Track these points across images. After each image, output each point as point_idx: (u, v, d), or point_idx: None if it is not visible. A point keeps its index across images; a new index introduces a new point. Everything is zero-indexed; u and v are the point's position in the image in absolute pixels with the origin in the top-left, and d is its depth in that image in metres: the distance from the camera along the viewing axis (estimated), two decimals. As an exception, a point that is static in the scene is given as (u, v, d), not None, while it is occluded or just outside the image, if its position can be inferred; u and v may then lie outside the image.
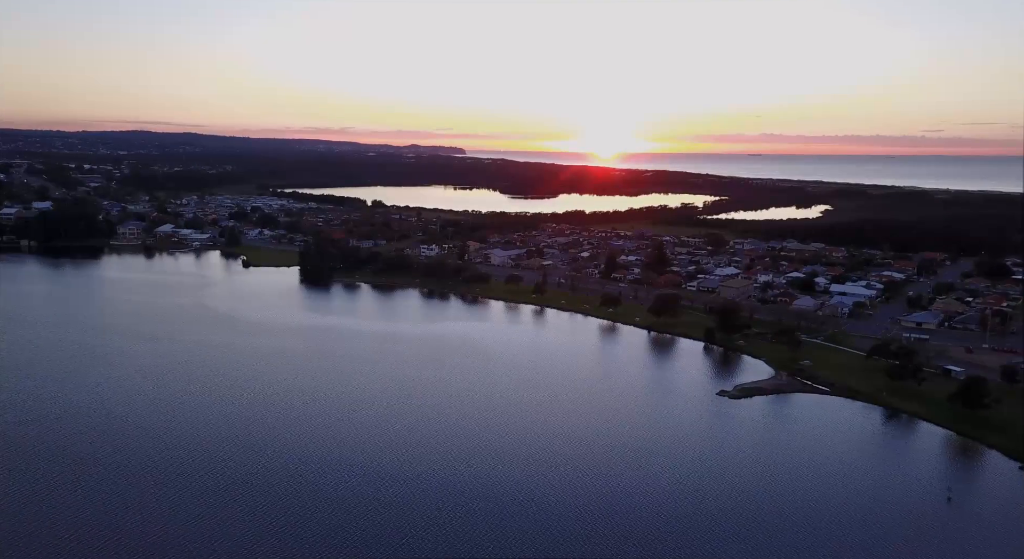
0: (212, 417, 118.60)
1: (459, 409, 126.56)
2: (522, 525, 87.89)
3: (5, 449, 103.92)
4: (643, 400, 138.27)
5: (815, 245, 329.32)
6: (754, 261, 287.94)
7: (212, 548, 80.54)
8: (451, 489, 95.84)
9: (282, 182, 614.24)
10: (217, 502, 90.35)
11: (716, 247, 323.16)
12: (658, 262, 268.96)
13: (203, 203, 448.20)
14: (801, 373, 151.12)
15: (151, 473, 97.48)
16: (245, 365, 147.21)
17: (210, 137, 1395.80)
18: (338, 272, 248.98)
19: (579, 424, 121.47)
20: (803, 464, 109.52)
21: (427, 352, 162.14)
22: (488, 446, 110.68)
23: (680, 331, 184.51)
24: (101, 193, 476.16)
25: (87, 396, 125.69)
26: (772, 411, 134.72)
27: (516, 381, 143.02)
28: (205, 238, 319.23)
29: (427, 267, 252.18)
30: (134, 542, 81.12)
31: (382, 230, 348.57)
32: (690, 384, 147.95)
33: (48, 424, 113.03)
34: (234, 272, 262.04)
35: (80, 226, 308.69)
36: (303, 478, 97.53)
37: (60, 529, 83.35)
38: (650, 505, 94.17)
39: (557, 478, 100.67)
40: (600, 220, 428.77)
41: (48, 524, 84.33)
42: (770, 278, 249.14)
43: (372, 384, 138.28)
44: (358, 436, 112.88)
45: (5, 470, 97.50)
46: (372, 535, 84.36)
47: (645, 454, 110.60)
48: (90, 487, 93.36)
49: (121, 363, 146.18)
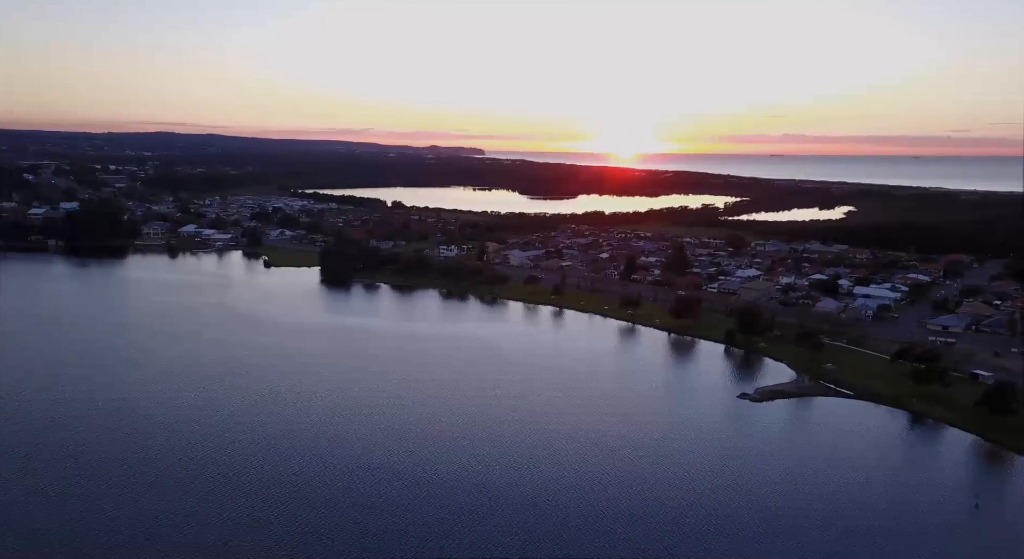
0: (236, 416, 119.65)
1: (479, 410, 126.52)
2: (545, 525, 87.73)
3: (34, 447, 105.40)
4: (663, 402, 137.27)
5: (838, 247, 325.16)
6: (776, 263, 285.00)
7: (236, 546, 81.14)
8: (473, 490, 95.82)
9: (303, 183, 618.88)
10: (241, 501, 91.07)
11: (737, 248, 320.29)
12: (678, 263, 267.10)
13: (225, 203, 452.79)
14: (824, 376, 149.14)
15: (175, 471, 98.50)
16: (267, 365, 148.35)
17: (232, 138, 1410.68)
18: (358, 272, 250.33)
19: (599, 426, 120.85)
20: (826, 469, 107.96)
21: (446, 353, 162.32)
22: (509, 447, 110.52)
23: (700, 333, 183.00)
24: (126, 194, 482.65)
25: (112, 395, 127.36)
26: (794, 414, 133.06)
27: (535, 383, 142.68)
28: (227, 238, 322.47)
29: (446, 268, 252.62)
30: (159, 540, 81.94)
31: (402, 231, 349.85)
32: (710, 386, 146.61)
33: (75, 422, 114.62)
34: (256, 272, 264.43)
35: (105, 226, 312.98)
36: (326, 478, 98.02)
37: (86, 527, 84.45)
38: (671, 507, 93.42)
39: (578, 479, 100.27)
40: (620, 221, 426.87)
41: (76, 521, 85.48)
42: (792, 280, 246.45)
43: (392, 384, 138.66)
44: (380, 436, 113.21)
45: (34, 468, 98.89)
46: (396, 535, 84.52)
47: (666, 456, 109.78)
48: (115, 485, 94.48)
49: (145, 362, 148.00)
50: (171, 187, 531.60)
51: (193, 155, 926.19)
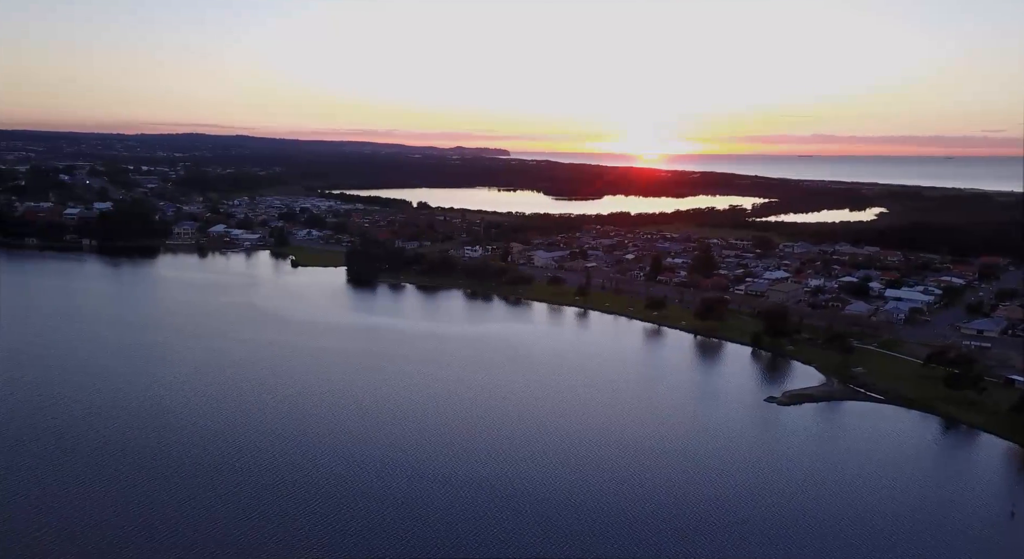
0: (263, 414, 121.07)
1: (503, 410, 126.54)
2: (571, 525, 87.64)
3: (67, 444, 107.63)
4: (689, 404, 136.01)
5: (869, 248, 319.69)
6: (804, 264, 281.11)
7: (263, 544, 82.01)
8: (498, 489, 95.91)
9: (329, 183, 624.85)
10: (268, 498, 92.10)
11: (765, 250, 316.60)
12: (705, 265, 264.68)
13: (253, 204, 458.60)
14: (853, 380, 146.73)
15: (203, 469, 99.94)
16: (294, 364, 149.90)
17: (261, 139, 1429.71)
18: (384, 272, 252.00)
19: (624, 427, 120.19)
20: (855, 473, 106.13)
21: (470, 353, 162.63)
22: (534, 447, 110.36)
23: (727, 335, 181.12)
24: (157, 194, 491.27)
25: (143, 392, 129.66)
26: (822, 418, 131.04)
27: (560, 384, 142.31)
28: (255, 238, 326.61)
29: (470, 268, 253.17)
30: (187, 537, 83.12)
31: (427, 231, 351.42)
32: (737, 389, 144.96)
33: (106, 419, 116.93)
34: (283, 272, 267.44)
35: (137, 226, 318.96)
36: (352, 476, 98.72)
37: (116, 521, 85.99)
38: (697, 510, 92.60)
39: (603, 480, 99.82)
40: (645, 222, 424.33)
41: (108, 517, 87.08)
42: (821, 282, 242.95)
43: (417, 384, 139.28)
44: (405, 435, 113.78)
45: (68, 464, 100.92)
46: (420, 534, 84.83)
47: (692, 458, 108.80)
48: (145, 482, 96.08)
49: (175, 360, 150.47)
50: (201, 188, 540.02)
51: (223, 156, 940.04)
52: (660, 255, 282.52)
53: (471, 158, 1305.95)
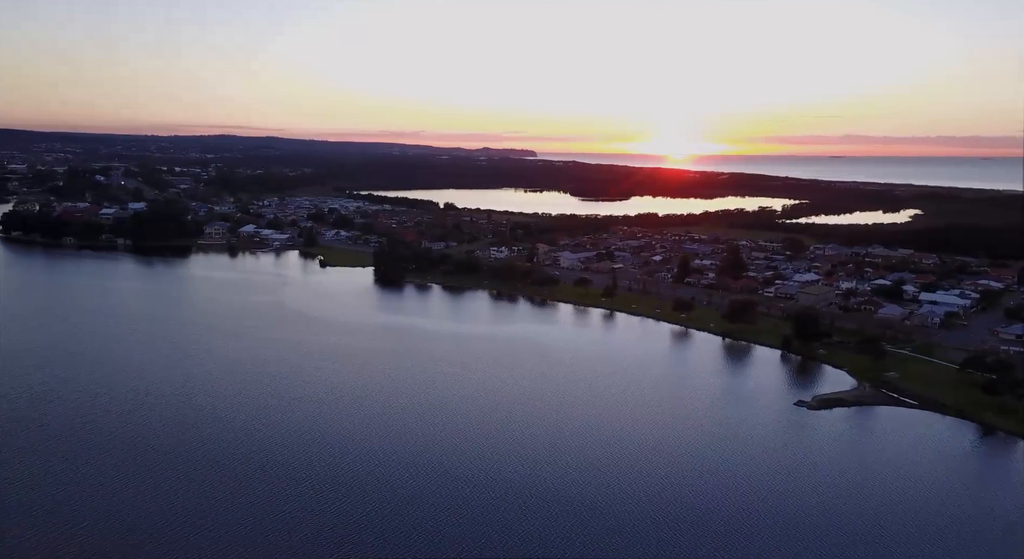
0: (291, 412, 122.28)
1: (530, 411, 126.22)
2: (598, 528, 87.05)
3: (101, 439, 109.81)
4: (717, 408, 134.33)
5: (903, 251, 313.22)
6: (836, 267, 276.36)
7: (290, 540, 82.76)
8: (525, 491, 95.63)
9: (357, 184, 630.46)
10: (296, 496, 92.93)
11: (795, 252, 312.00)
12: (734, 267, 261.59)
13: (283, 204, 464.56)
14: (886, 385, 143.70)
15: (233, 466, 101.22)
16: (322, 362, 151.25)
17: (290, 141, 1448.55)
18: (410, 273, 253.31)
19: (651, 430, 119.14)
20: (888, 480, 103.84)
21: (496, 354, 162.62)
22: (560, 448, 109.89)
23: (756, 338, 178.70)
24: (190, 194, 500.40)
25: (176, 389, 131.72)
26: (854, 423, 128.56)
27: (586, 385, 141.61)
28: (285, 238, 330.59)
29: (496, 269, 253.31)
30: (216, 533, 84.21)
31: (453, 232, 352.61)
32: (766, 393, 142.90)
33: (140, 415, 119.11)
34: (311, 272, 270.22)
35: (170, 226, 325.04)
36: (379, 474, 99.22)
37: (147, 518, 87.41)
38: (726, 514, 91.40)
39: (630, 483, 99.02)
40: (673, 223, 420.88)
41: (138, 512, 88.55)
42: (853, 285, 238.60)
43: (444, 384, 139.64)
44: (432, 435, 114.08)
45: (102, 460, 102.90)
46: (448, 533, 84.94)
47: (720, 462, 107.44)
48: (176, 478, 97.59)
49: (206, 358, 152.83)
50: (232, 188, 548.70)
51: (253, 157, 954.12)
52: (688, 257, 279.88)
53: (498, 159, 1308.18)
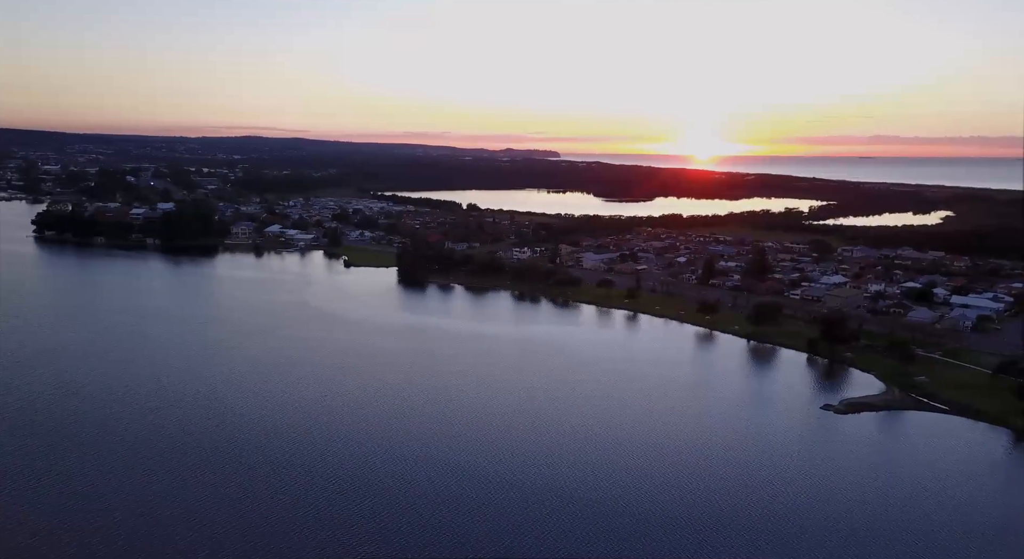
0: (316, 411, 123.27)
1: (552, 412, 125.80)
2: (622, 529, 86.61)
3: (131, 436, 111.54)
4: (741, 410, 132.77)
5: (933, 253, 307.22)
6: (864, 269, 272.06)
7: (314, 538, 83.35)
8: (548, 491, 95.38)
9: (382, 185, 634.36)
10: (317, 492, 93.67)
11: (822, 254, 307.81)
12: (759, 269, 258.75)
13: (308, 205, 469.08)
14: (915, 389, 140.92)
15: (258, 463, 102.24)
16: (346, 362, 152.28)
17: (315, 142, 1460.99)
18: (433, 273, 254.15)
19: (675, 432, 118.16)
20: (920, 486, 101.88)
21: (518, 355, 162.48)
22: (583, 450, 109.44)
23: (781, 341, 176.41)
24: (217, 195, 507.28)
25: (203, 387, 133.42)
26: (882, 428, 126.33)
27: (609, 387, 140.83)
28: (310, 238, 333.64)
29: (518, 270, 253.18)
30: (242, 529, 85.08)
31: (476, 233, 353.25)
32: (792, 396, 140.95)
33: (167, 412, 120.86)
34: (336, 272, 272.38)
35: (198, 226, 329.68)
36: (403, 474, 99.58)
37: (178, 513, 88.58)
38: (750, 517, 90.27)
39: (654, 485, 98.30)
40: (698, 224, 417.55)
41: (171, 508, 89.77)
42: (882, 288, 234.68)
43: (467, 384, 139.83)
44: (455, 435, 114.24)
45: (131, 455, 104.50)
46: (471, 533, 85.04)
47: (745, 466, 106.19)
48: (202, 476, 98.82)
49: (233, 356, 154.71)
50: (258, 189, 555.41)
51: (279, 158, 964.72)
52: (713, 258, 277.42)
53: (521, 160, 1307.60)
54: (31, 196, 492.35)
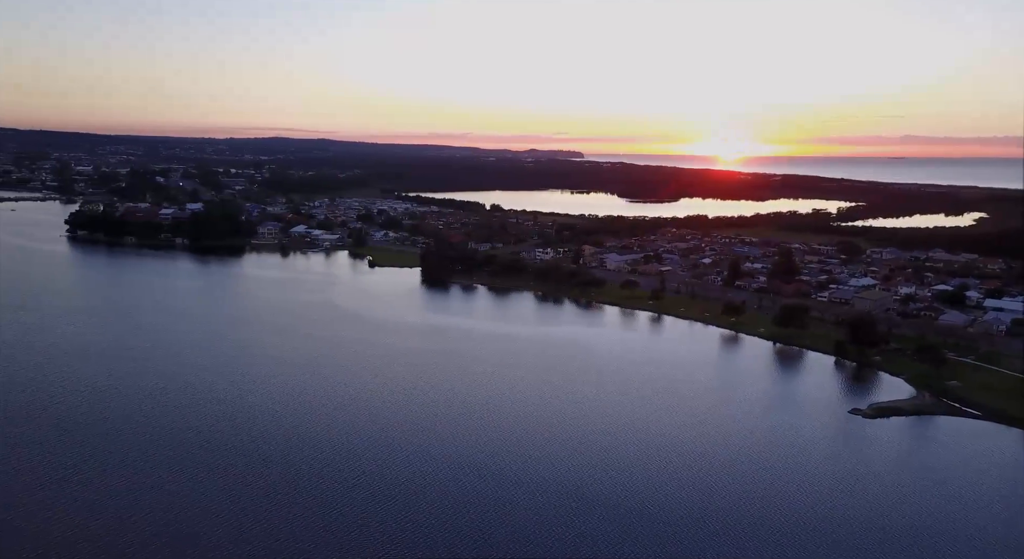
0: (341, 411, 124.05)
1: (575, 414, 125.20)
2: (645, 532, 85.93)
3: (158, 435, 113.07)
4: (767, 413, 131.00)
5: (966, 255, 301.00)
6: (894, 272, 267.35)
7: (339, 538, 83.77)
8: (571, 493, 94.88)
9: (406, 186, 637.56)
10: (342, 493, 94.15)
11: (851, 256, 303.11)
12: (786, 270, 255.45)
13: (333, 205, 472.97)
14: (947, 394, 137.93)
15: (282, 464, 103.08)
16: (371, 361, 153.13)
17: (340, 143, 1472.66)
18: (456, 273, 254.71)
19: (699, 435, 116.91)
20: (952, 493, 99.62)
21: (541, 355, 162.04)
22: (606, 452, 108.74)
23: (808, 344, 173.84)
24: (244, 195, 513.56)
25: (229, 385, 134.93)
26: (912, 433, 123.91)
27: (632, 389, 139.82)
28: (335, 239, 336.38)
29: (541, 270, 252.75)
30: (268, 530, 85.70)
31: (499, 233, 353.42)
32: (819, 400, 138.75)
33: (194, 411, 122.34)
34: (360, 272, 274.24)
35: (225, 226, 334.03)
36: (427, 474, 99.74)
37: (203, 513, 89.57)
38: (776, 521, 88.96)
39: (678, 488, 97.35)
40: (723, 225, 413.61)
41: (196, 507, 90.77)
42: (912, 290, 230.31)
43: (489, 384, 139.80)
44: (477, 436, 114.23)
45: (158, 454, 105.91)
46: (495, 534, 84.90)
47: (770, 469, 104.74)
48: (229, 475, 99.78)
49: (259, 355, 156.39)
50: (284, 189, 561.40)
51: (305, 159, 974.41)
52: (738, 259, 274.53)
53: (544, 160, 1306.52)
54: (65, 196, 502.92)
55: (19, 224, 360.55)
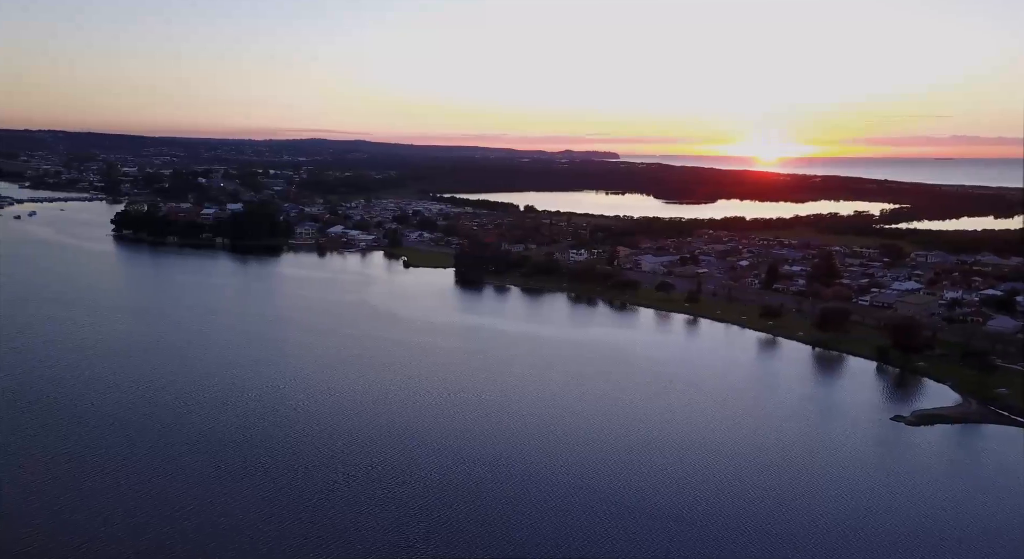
0: (375, 409, 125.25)
1: (609, 417, 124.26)
2: (684, 537, 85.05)
3: (200, 431, 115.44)
4: (806, 419, 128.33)
5: (1016, 259, 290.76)
6: (940, 275, 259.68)
7: (371, 536, 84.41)
8: (606, 497, 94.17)
9: (440, 187, 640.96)
10: (376, 491, 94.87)
11: (894, 259, 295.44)
12: (826, 273, 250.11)
13: (369, 206, 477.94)
14: (995, 402, 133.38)
15: (317, 460, 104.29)
16: (405, 360, 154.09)
17: (377, 144, 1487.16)
18: (490, 274, 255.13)
19: (736, 440, 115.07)
20: (997, 505, 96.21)
21: (574, 357, 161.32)
22: (642, 457, 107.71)
23: (849, 348, 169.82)
24: (282, 196, 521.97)
25: (267, 384, 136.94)
26: (957, 442, 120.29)
27: (668, 393, 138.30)
28: (371, 239, 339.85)
29: (575, 272, 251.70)
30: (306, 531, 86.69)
31: (533, 234, 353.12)
32: (859, 406, 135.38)
33: (234, 408, 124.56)
34: (395, 272, 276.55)
35: (264, 226, 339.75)
36: (462, 473, 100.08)
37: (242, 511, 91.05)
38: (817, 530, 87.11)
39: (715, 493, 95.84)
40: (762, 227, 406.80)
41: (237, 507, 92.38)
42: (959, 295, 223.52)
43: (523, 385, 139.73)
44: (510, 435, 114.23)
45: (201, 451, 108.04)
46: (528, 535, 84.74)
47: (808, 477, 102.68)
48: (266, 474, 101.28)
49: (296, 354, 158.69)
50: (321, 190, 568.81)
51: (342, 160, 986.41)
52: (777, 262, 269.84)
53: (579, 161, 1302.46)
54: (111, 197, 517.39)
55: (68, 224, 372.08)
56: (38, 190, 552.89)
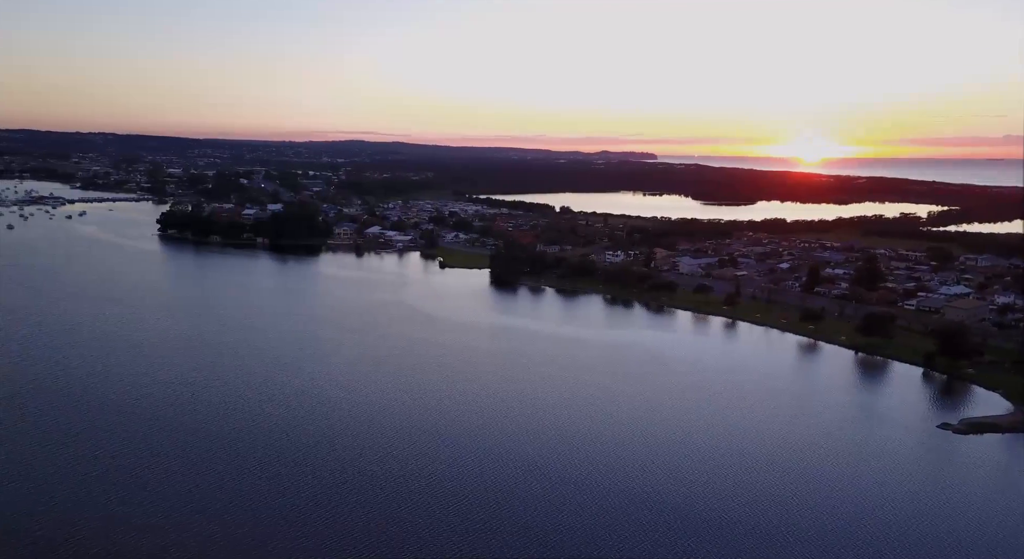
0: (411, 409, 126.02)
1: (646, 421, 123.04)
2: (721, 543, 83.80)
3: (240, 429, 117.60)
4: (849, 426, 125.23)
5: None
6: (990, 280, 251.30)
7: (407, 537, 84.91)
8: (642, 501, 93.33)
9: (477, 188, 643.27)
10: (410, 491, 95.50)
11: (941, 263, 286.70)
12: (870, 277, 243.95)
13: (406, 207, 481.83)
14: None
15: (354, 459, 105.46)
16: (439, 360, 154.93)
17: (415, 146, 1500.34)
18: (525, 275, 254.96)
19: (777, 446, 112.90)
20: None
21: (611, 359, 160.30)
22: (674, 461, 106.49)
23: (894, 354, 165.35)
24: (321, 197, 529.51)
25: (306, 382, 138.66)
26: (1009, 451, 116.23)
27: (705, 396, 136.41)
28: (407, 240, 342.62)
29: (611, 273, 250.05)
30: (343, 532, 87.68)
31: (568, 235, 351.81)
32: (905, 413, 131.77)
33: (274, 406, 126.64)
34: (431, 272, 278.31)
35: (304, 227, 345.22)
36: (495, 474, 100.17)
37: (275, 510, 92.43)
38: (857, 541, 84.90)
39: (755, 500, 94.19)
40: (803, 229, 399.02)
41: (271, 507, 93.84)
42: (1011, 300, 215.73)
43: (558, 387, 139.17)
44: (545, 436, 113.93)
45: (241, 450, 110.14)
46: (560, 538, 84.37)
47: (852, 484, 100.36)
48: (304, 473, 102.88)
49: (334, 353, 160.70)
50: (359, 191, 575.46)
51: (380, 162, 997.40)
52: (818, 265, 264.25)
53: (616, 162, 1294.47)
54: (157, 197, 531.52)
55: (116, 223, 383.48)
56: (88, 190, 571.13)
